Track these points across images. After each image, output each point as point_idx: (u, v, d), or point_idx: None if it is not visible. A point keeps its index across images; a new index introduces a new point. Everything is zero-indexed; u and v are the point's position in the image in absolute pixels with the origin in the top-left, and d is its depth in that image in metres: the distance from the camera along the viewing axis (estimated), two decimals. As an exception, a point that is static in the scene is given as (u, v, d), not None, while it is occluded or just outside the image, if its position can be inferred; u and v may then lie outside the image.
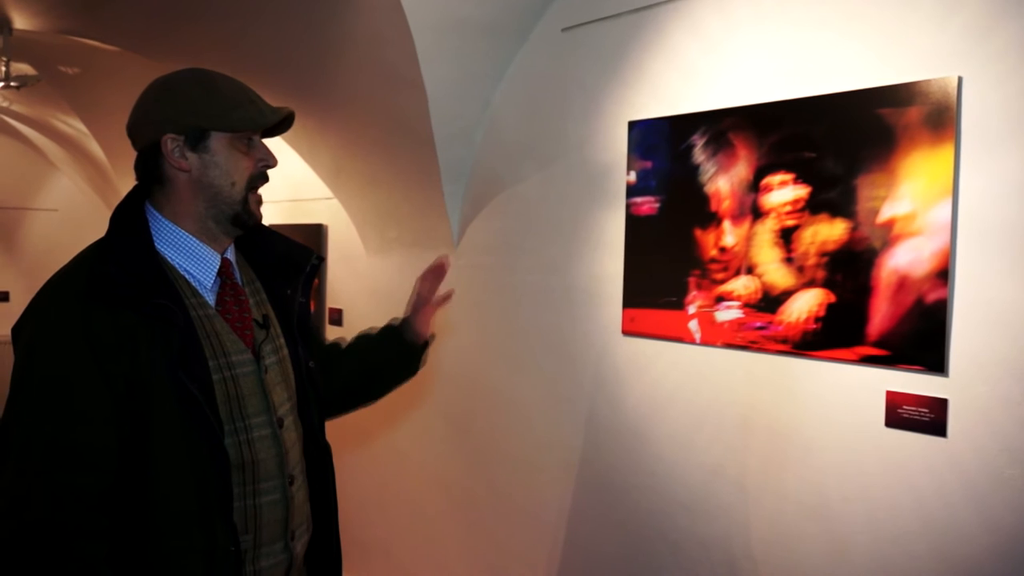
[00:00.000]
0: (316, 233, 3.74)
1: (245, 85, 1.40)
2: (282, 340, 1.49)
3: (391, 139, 2.81)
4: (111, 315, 1.22)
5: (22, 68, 4.25)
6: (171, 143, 1.32)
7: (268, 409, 1.38)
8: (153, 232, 1.34)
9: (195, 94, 1.33)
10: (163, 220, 1.36)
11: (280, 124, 1.43)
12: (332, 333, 3.70)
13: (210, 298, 1.36)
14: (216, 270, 1.38)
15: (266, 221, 1.58)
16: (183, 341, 1.26)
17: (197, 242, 1.36)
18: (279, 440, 1.39)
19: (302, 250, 1.58)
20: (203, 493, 1.26)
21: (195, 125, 1.32)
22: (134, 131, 1.38)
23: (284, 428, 1.41)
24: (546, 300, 2.55)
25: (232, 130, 1.34)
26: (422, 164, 2.77)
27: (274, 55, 2.84)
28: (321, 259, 1.59)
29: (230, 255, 1.43)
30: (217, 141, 1.34)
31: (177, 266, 1.34)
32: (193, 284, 1.35)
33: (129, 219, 1.35)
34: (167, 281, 1.29)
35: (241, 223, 1.39)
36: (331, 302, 3.72)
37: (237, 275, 1.44)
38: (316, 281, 3.89)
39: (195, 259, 1.36)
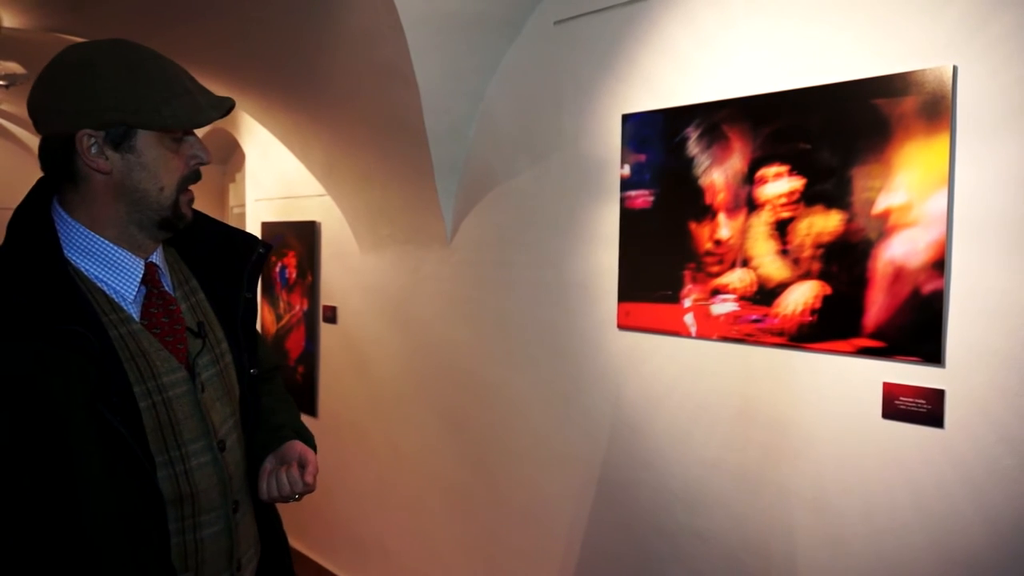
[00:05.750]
0: (309, 230, 3.73)
1: (179, 67, 1.19)
2: (225, 346, 1.32)
3: (384, 135, 2.80)
4: (12, 346, 1.02)
5: (10, 67, 4.22)
6: (88, 140, 1.12)
7: (208, 432, 1.23)
8: (62, 238, 1.14)
9: (120, 82, 1.12)
10: (74, 224, 1.15)
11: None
12: (326, 331, 3.68)
13: (134, 311, 1.18)
14: (139, 279, 1.19)
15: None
16: (101, 369, 1.06)
17: (116, 248, 1.17)
18: (221, 465, 1.24)
19: (245, 238, 1.39)
20: (134, 536, 1.10)
21: (120, 121, 1.12)
22: (39, 114, 1.14)
23: (227, 451, 1.26)
24: (541, 295, 2.54)
25: (164, 128, 1.15)
26: (415, 160, 2.75)
27: (266, 52, 2.82)
28: (269, 247, 1.41)
29: (156, 258, 1.24)
30: (144, 140, 1.14)
31: (92, 277, 1.15)
32: (112, 297, 1.16)
33: (31, 224, 1.13)
34: (77, 298, 1.09)
35: (170, 227, 1.21)
36: (325, 299, 3.71)
37: (166, 281, 1.26)
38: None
39: (113, 268, 1.17)
